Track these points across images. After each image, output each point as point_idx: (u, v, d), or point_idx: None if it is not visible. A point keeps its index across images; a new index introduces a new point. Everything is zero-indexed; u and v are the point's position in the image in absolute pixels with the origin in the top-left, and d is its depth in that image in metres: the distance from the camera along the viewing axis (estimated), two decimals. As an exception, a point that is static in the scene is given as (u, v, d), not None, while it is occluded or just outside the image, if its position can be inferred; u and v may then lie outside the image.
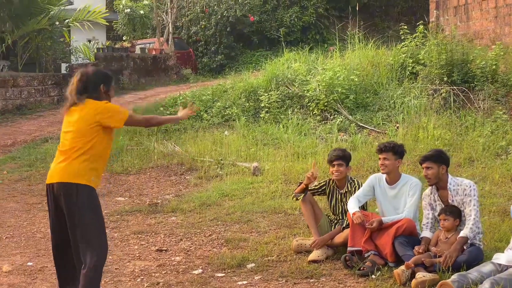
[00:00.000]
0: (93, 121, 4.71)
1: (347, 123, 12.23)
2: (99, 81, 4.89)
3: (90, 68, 5.03)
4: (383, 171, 6.02)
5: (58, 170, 4.71)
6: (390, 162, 5.98)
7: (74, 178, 4.66)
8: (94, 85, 4.86)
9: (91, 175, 4.72)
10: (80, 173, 4.66)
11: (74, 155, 4.69)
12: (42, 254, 6.80)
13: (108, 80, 4.98)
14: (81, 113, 4.76)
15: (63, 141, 4.81)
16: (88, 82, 4.84)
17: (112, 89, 4.99)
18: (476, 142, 9.97)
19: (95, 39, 24.87)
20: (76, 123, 4.75)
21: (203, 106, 14.52)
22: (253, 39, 26.96)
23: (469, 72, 12.29)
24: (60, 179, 4.68)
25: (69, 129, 4.79)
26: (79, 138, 4.71)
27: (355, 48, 15.34)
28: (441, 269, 5.21)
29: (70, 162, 4.69)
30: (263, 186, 9.22)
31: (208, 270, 6.01)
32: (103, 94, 4.88)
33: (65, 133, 4.83)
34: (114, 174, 10.95)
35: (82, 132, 4.71)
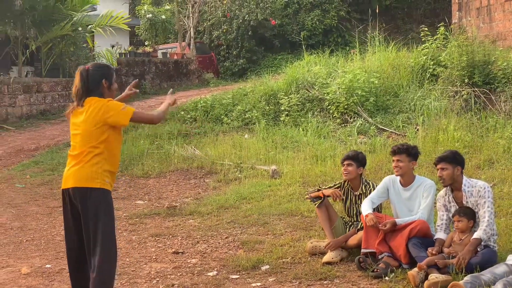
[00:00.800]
0: (98, 121, 4.67)
1: (367, 126, 12.18)
2: (100, 76, 4.82)
3: (89, 64, 4.94)
4: (397, 173, 6.01)
5: (72, 175, 4.70)
6: (404, 164, 5.96)
7: (88, 182, 4.64)
8: (96, 82, 4.79)
9: (105, 177, 4.70)
10: (93, 177, 4.65)
11: (86, 159, 4.67)
12: (61, 257, 6.88)
13: (109, 73, 4.90)
14: (86, 114, 4.71)
15: (73, 144, 4.80)
16: (89, 80, 4.77)
17: (114, 83, 4.91)
18: (497, 144, 9.86)
19: (118, 45, 25.13)
20: (82, 125, 4.72)
21: (223, 109, 14.60)
22: (274, 43, 26.99)
23: (490, 73, 12.16)
24: (74, 184, 4.68)
25: (76, 132, 4.77)
26: (88, 141, 4.69)
27: (376, 51, 15.30)
28: (454, 270, 5.17)
29: (83, 165, 4.67)
30: (281, 188, 9.25)
31: (223, 272, 6.04)
32: (106, 89, 4.83)
33: (74, 135, 4.80)
34: (134, 177, 11.06)
35: (89, 134, 4.68)
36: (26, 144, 14.51)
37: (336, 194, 6.37)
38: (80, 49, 20.21)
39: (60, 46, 19.13)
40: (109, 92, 4.85)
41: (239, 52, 26.38)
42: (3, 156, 13.39)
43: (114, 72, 4.99)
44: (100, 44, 23.46)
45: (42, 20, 18.49)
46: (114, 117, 4.69)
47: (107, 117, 4.67)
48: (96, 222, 4.65)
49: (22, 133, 15.97)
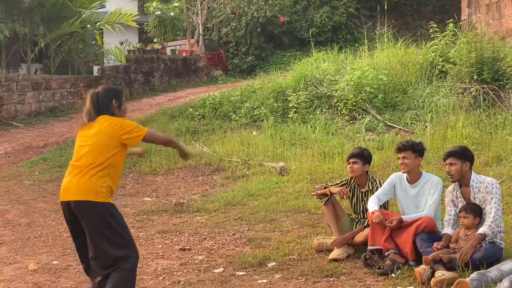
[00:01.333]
0: (110, 136, 4.68)
1: (376, 123, 12.15)
2: (110, 97, 4.88)
3: (99, 88, 4.99)
4: (403, 170, 5.99)
5: (74, 187, 4.63)
6: (410, 160, 5.94)
7: (91, 196, 4.58)
8: (107, 103, 4.84)
9: (108, 192, 4.67)
10: (97, 190, 4.59)
11: (91, 172, 4.61)
12: (68, 253, 6.90)
13: (119, 95, 4.98)
14: (99, 128, 4.73)
15: (79, 155, 4.73)
16: (99, 101, 4.83)
17: (124, 103, 4.98)
18: (505, 141, 9.81)
19: (127, 42, 25.16)
20: (94, 137, 4.71)
21: (231, 106, 14.60)
22: (283, 40, 26.94)
23: (499, 70, 12.08)
24: (76, 197, 4.61)
25: (86, 143, 4.73)
26: (98, 154, 4.65)
27: (384, 48, 15.25)
28: (460, 266, 5.15)
29: (89, 179, 4.60)
30: (288, 185, 9.24)
31: (230, 269, 6.04)
32: (116, 109, 4.86)
33: (81, 147, 4.75)
34: (142, 174, 11.09)
35: (100, 147, 4.66)
36: (34, 141, 14.56)
37: (343, 192, 6.36)
38: (89, 46, 20.29)
39: (69, 43, 19.19)
40: (120, 112, 4.88)
41: (248, 49, 26.36)
42: (11, 153, 13.45)
43: (123, 95, 5.09)
44: (109, 41, 23.50)
45: (50, 17, 18.54)
46: (126, 135, 4.70)
47: (121, 134, 4.69)
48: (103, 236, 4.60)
49: (31, 130, 16.03)
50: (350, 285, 5.37)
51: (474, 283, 4.71)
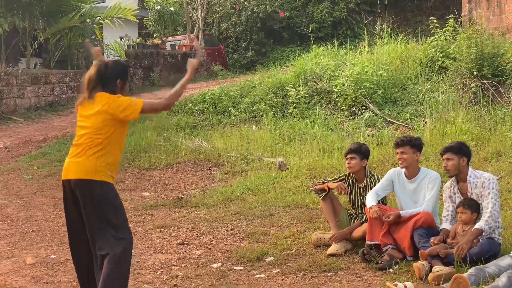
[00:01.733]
0: (107, 115, 4.65)
1: (375, 118, 12.14)
2: (117, 76, 4.82)
3: (109, 61, 4.96)
4: (402, 165, 5.98)
5: (74, 166, 4.65)
6: (408, 155, 5.93)
7: (90, 175, 4.59)
8: (112, 79, 4.79)
9: (107, 170, 4.66)
10: (96, 169, 4.60)
11: (91, 151, 4.63)
12: (66, 248, 6.85)
13: (125, 75, 4.92)
14: (95, 107, 4.69)
15: (78, 134, 4.75)
16: (106, 75, 4.77)
17: (127, 84, 4.92)
18: (505, 137, 9.80)
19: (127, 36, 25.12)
20: (91, 118, 4.69)
21: (231, 101, 14.58)
22: (283, 35, 26.91)
23: (499, 66, 12.05)
24: (76, 176, 4.63)
25: (84, 124, 4.73)
26: (96, 134, 4.65)
27: (384, 43, 15.22)
28: (457, 262, 5.15)
29: (87, 158, 4.62)
30: (287, 181, 9.23)
31: (227, 264, 6.04)
32: (119, 89, 4.81)
33: (80, 127, 4.76)
34: (141, 169, 11.07)
35: (98, 127, 4.65)
36: (34, 135, 14.54)
37: (341, 188, 6.35)
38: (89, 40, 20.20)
39: (69, 38, 19.14)
40: (121, 91, 4.83)
41: (248, 44, 26.33)
42: (11, 147, 13.43)
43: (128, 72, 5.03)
44: (109, 36, 23.47)
45: (50, 11, 18.50)
46: (124, 111, 4.65)
47: (117, 112, 4.65)
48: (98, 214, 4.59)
49: (30, 124, 16.01)
50: (348, 280, 5.37)
51: (472, 279, 4.71)
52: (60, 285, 5.72)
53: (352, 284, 5.25)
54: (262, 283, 5.44)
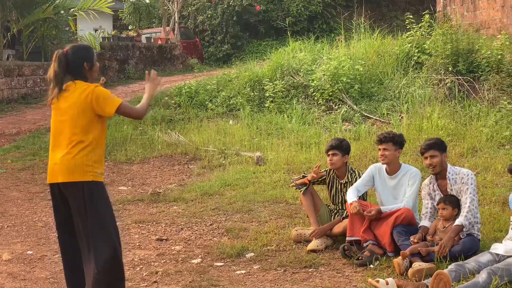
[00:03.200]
0: (86, 107, 4.45)
1: (352, 113, 12.18)
2: (80, 59, 4.58)
3: (67, 47, 4.65)
4: (383, 161, 6.00)
5: (60, 168, 4.46)
6: (390, 152, 5.95)
7: (81, 176, 4.41)
8: (77, 66, 4.56)
9: (96, 168, 4.48)
10: (84, 169, 4.42)
11: (75, 150, 4.44)
12: (43, 243, 6.82)
13: (90, 55, 4.66)
14: (72, 99, 4.49)
15: (58, 131, 4.53)
16: (69, 64, 4.53)
17: (96, 63, 4.69)
18: (480, 132, 9.90)
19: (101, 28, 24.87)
20: (69, 111, 4.48)
21: (207, 95, 14.53)
22: (259, 29, 26.87)
23: (474, 62, 12.18)
24: (64, 179, 4.44)
25: (63, 117, 4.51)
26: (76, 130, 4.46)
27: (361, 38, 15.28)
28: (437, 258, 5.19)
29: (73, 157, 4.42)
30: (265, 175, 9.22)
31: (207, 260, 6.01)
32: (87, 71, 4.60)
33: (60, 122, 4.53)
34: (117, 163, 10.98)
35: (78, 121, 4.46)
36: (7, 128, 14.33)
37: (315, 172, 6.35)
38: (63, 32, 19.98)
39: (42, 29, 18.88)
40: (91, 73, 4.63)
41: (224, 37, 26.25)
42: (-16, 141, 13.23)
43: (95, 52, 4.77)
44: (83, 27, 23.21)
45: (23, 3, 18.20)
46: (102, 105, 4.47)
47: (95, 105, 4.46)
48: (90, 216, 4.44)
49: (3, 117, 15.76)
50: (329, 276, 5.38)
51: (452, 275, 4.74)
52: (37, 282, 5.64)
53: (333, 280, 5.26)
54: (243, 279, 5.43)
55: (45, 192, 9.17)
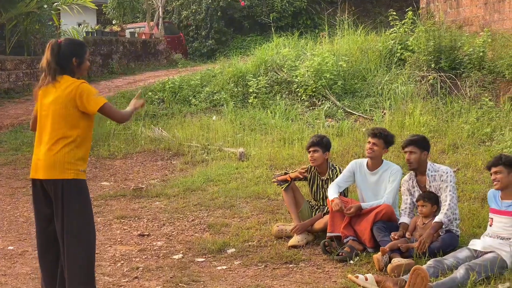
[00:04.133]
0: (69, 103, 4.39)
1: (335, 109, 12.24)
2: (70, 53, 4.51)
3: (62, 39, 4.62)
4: (369, 154, 6.01)
5: (42, 165, 4.41)
6: (378, 148, 5.98)
7: (61, 174, 4.37)
8: (67, 58, 4.49)
9: (78, 166, 4.43)
10: (66, 167, 4.37)
11: (57, 147, 4.39)
12: (24, 239, 6.79)
13: (81, 51, 4.59)
14: (56, 94, 4.43)
15: (42, 126, 4.48)
16: (60, 55, 4.48)
17: (86, 61, 4.62)
18: (461, 129, 9.99)
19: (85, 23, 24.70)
20: (52, 106, 4.43)
21: (191, 91, 14.52)
22: (244, 24, 26.87)
23: (456, 59, 12.29)
24: (45, 176, 4.40)
25: (46, 112, 4.46)
26: (60, 125, 4.40)
27: (344, 34, 15.34)
28: (416, 254, 5.24)
29: (55, 154, 4.37)
30: (248, 171, 9.23)
31: (189, 255, 6.02)
32: (76, 67, 4.54)
33: (43, 117, 4.49)
34: (100, 158, 10.94)
35: (62, 117, 4.40)
36: (-11, 123, 14.24)
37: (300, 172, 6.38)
38: (46, 27, 19.79)
39: (25, 24, 18.72)
40: (79, 70, 4.56)
41: (208, 32, 26.21)
42: (-35, 135, 13.13)
43: (87, 50, 4.70)
44: (66, 22, 23.06)
45: (6, -4, 18.06)
46: (86, 102, 4.40)
47: (78, 101, 4.39)
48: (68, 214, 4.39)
49: (-15, 111, 15.65)
50: (309, 271, 5.41)
51: (430, 270, 4.79)
52: (18, 277, 5.62)
53: (313, 276, 5.29)
54: (224, 275, 5.44)
55: (27, 187, 9.13)
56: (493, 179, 5.09)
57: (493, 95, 11.26)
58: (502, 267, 4.83)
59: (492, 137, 9.54)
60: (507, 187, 5.05)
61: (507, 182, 5.03)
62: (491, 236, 5.06)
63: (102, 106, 4.45)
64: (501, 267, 4.82)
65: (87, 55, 4.65)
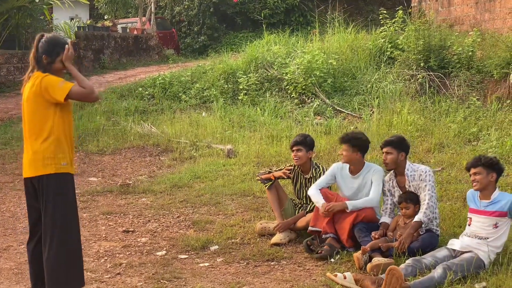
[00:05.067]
0: (38, 98, 4.42)
1: (324, 107, 12.28)
2: (43, 50, 4.50)
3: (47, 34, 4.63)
4: (343, 161, 6.06)
5: (27, 163, 4.49)
6: (347, 153, 5.99)
7: (42, 170, 4.42)
8: (40, 54, 4.50)
9: (60, 159, 4.45)
10: (46, 162, 4.41)
11: (36, 144, 4.45)
12: (9, 234, 6.82)
13: (53, 49, 4.52)
14: (30, 91, 4.47)
15: (24, 124, 4.55)
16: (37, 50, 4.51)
17: (57, 62, 4.53)
18: (448, 128, 10.05)
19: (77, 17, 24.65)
20: (27, 103, 4.49)
21: (181, 87, 14.53)
22: (236, 21, 26.85)
23: (445, 58, 12.36)
24: (30, 174, 4.47)
25: (23, 110, 4.53)
26: (36, 121, 4.45)
27: (335, 32, 15.38)
28: (396, 253, 5.29)
29: (35, 151, 4.44)
30: (235, 168, 9.27)
31: (172, 252, 6.05)
32: (46, 65, 4.49)
33: (23, 114, 4.57)
34: (89, 154, 10.96)
35: (35, 113, 4.45)
36: (-22, 117, 14.22)
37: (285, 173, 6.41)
38: (37, 21, 19.73)
39: (16, 18, 18.66)
40: (49, 68, 4.50)
41: (201, 28, 26.17)
42: (-46, 129, 13.11)
43: (62, 51, 4.54)
44: (58, 16, 23.01)
45: (-3, -9, 18.00)
46: (52, 93, 4.39)
47: (45, 94, 4.39)
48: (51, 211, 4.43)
49: (-25, 105, 15.64)
50: (290, 269, 5.46)
51: (409, 270, 4.85)
52: (2, 272, 5.64)
53: (294, 274, 5.33)
54: (206, 272, 5.48)
55: (14, 182, 9.16)
56: (473, 180, 5.14)
57: (481, 94, 11.33)
58: (479, 267, 4.89)
59: (478, 136, 9.60)
60: (486, 188, 5.10)
61: (486, 183, 5.08)
62: (470, 236, 5.11)
63: (69, 92, 4.41)
64: (478, 266, 4.88)
65: (60, 57, 4.53)
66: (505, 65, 11.15)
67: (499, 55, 11.46)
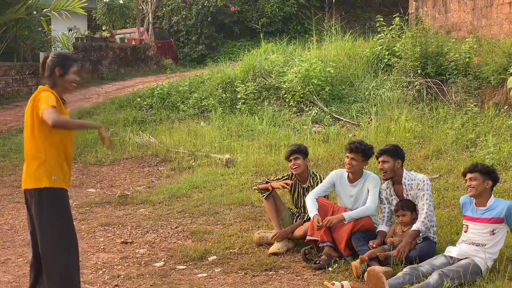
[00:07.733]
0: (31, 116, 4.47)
1: (322, 115, 12.28)
2: (53, 64, 4.56)
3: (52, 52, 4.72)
4: (348, 170, 6.03)
5: (24, 176, 4.56)
6: (357, 163, 5.99)
7: (34, 183, 4.45)
8: (50, 70, 4.56)
9: (52, 174, 4.45)
10: (38, 176, 4.44)
11: (30, 157, 4.51)
12: (7, 246, 6.82)
13: (65, 62, 4.59)
14: (28, 107, 4.52)
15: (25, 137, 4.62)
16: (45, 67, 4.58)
17: (70, 74, 4.59)
18: (446, 135, 10.05)
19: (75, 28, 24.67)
20: (25, 118, 4.55)
21: (180, 97, 14.54)
22: (234, 30, 26.89)
23: (442, 65, 12.37)
24: (24, 186, 4.54)
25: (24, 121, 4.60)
26: (31, 136, 4.50)
27: (333, 40, 15.41)
28: (394, 262, 5.29)
29: (28, 166, 4.50)
30: (233, 178, 9.27)
31: (170, 263, 6.06)
32: (58, 78, 4.55)
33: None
34: (87, 165, 10.96)
35: (31, 128, 4.49)
36: (-23, 129, 14.23)
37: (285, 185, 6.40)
38: (35, 33, 19.80)
39: (14, 30, 18.71)
40: (62, 81, 4.55)
41: (199, 38, 26.22)
42: (-47, 142, 13.11)
43: (75, 64, 4.64)
44: (57, 28, 23.02)
45: (-5, 3, 18.06)
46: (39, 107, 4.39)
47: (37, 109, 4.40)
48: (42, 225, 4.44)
49: (-26, 118, 15.65)
50: (288, 279, 5.46)
51: (406, 278, 4.86)
52: (0, 285, 5.64)
53: (292, 283, 5.33)
54: (204, 282, 5.48)
55: (13, 194, 9.16)
56: (468, 185, 5.16)
57: (478, 100, 11.34)
58: (476, 274, 4.89)
59: (476, 143, 9.61)
60: (481, 194, 5.11)
61: (481, 189, 5.10)
62: (467, 243, 5.12)
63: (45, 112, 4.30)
64: (475, 273, 4.88)
65: (73, 68, 4.61)
66: (502, 71, 11.17)
67: (496, 61, 11.48)
